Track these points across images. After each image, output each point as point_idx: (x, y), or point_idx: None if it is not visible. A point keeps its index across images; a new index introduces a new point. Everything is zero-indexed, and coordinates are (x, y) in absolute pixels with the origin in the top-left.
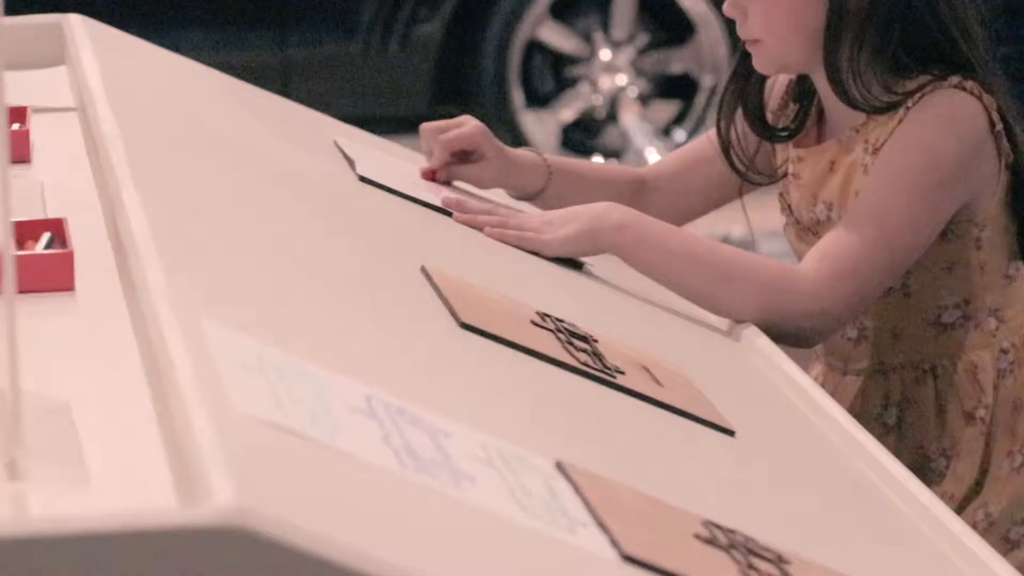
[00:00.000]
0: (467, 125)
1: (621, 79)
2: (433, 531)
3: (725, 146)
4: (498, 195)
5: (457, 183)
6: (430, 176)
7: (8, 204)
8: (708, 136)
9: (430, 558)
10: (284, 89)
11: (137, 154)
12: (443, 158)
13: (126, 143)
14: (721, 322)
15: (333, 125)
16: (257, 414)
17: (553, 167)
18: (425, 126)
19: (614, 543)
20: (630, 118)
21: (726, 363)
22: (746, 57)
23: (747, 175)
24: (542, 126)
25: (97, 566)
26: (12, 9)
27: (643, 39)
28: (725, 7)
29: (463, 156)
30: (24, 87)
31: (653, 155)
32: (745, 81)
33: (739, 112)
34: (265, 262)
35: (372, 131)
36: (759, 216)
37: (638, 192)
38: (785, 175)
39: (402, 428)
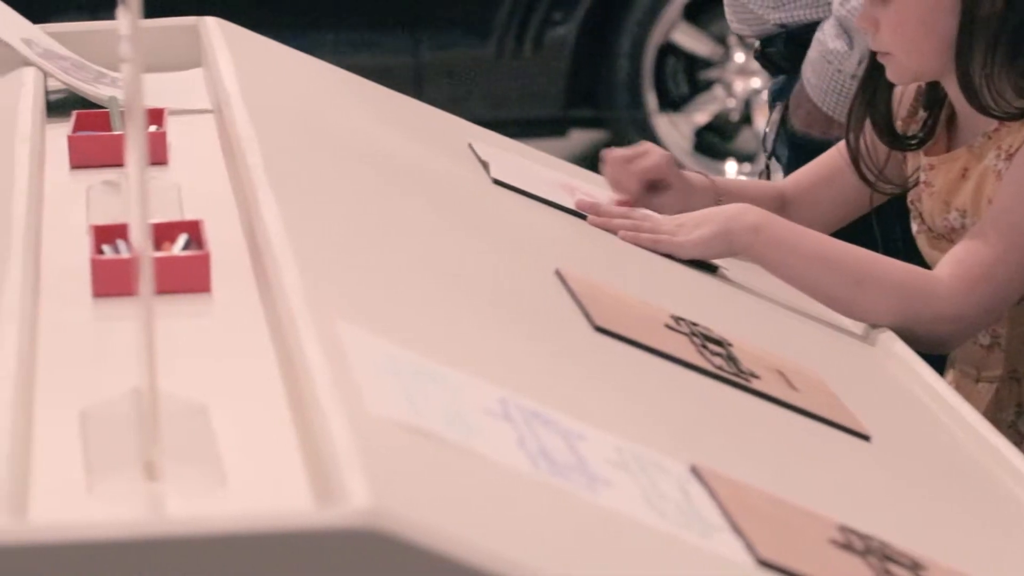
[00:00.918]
0: (654, 154)
1: (755, 82)
2: (567, 534)
3: (855, 157)
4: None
5: (591, 186)
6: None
7: (146, 206)
8: (839, 148)
9: (564, 561)
10: (418, 92)
11: (273, 156)
12: (636, 188)
13: (262, 145)
14: (856, 326)
15: (467, 128)
16: (392, 416)
17: (720, 189)
18: (611, 155)
19: (749, 547)
20: (764, 121)
21: (861, 367)
22: (874, 68)
23: (877, 185)
24: (675, 130)
25: (233, 567)
26: (150, 12)
27: None
28: (857, 19)
29: (650, 185)
30: (161, 89)
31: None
32: (873, 92)
33: (868, 122)
34: (399, 265)
35: (506, 134)
36: None
37: (779, 207)
38: (916, 183)
39: (537, 431)
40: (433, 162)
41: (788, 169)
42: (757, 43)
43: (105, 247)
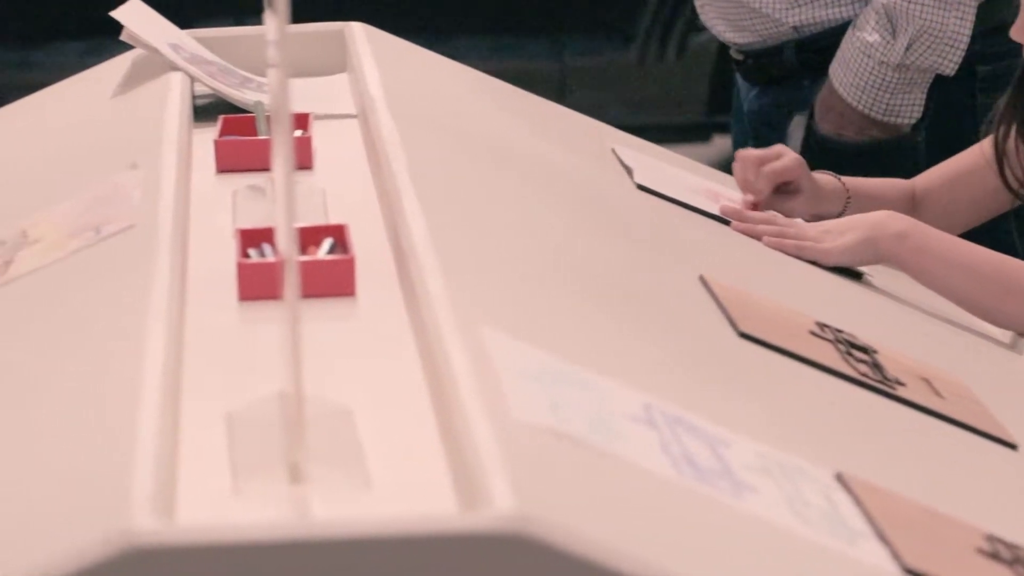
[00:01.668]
0: (787, 156)
1: None
2: (712, 540)
3: (1000, 159)
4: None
5: (734, 192)
6: (752, 209)
7: (292, 210)
8: (980, 148)
9: (709, 568)
10: (561, 97)
11: (417, 161)
12: (767, 190)
13: (406, 150)
14: (1003, 334)
15: (611, 133)
16: (536, 421)
17: (851, 190)
18: (743, 155)
19: (895, 555)
20: None
21: (1008, 375)
22: None
23: (1021, 192)
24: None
25: (377, 570)
26: (295, 17)
27: None
28: (1012, 31)
29: (780, 187)
30: (307, 94)
31: None
32: (1022, 97)
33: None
34: (543, 270)
35: (648, 139)
36: None
37: (911, 207)
38: None
39: (681, 437)
40: (576, 167)
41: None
42: (737, 53)
43: (251, 251)
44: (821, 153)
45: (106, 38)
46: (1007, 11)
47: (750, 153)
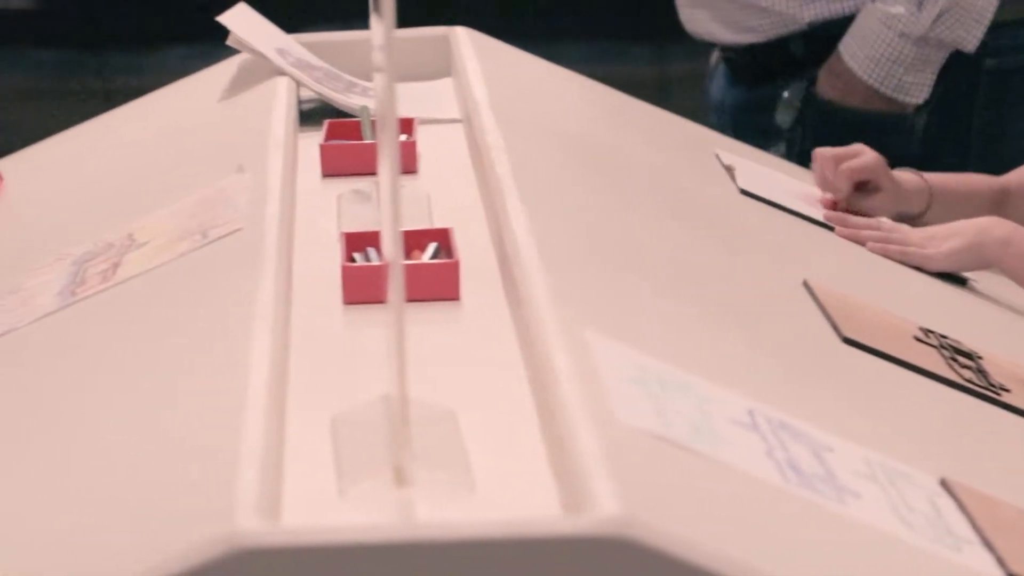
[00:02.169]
0: (867, 155)
1: None
2: (816, 546)
3: None
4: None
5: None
6: (830, 206)
7: (397, 214)
8: None
9: (813, 573)
10: (663, 102)
11: (521, 165)
12: (846, 188)
13: (510, 154)
14: None
15: (713, 138)
16: (640, 425)
17: (934, 188)
18: (822, 152)
19: (1000, 562)
20: None
21: None
22: None
23: None
24: None
25: (481, 572)
26: (400, 21)
27: None
28: None
29: (859, 185)
30: (412, 99)
31: None
32: None
33: None
34: (645, 274)
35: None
36: None
37: (999, 202)
38: None
39: (785, 442)
40: (679, 171)
41: (821, 142)
42: (718, 51)
43: (355, 255)
44: (820, 123)
45: (212, 43)
46: (1018, 6)
47: (828, 151)
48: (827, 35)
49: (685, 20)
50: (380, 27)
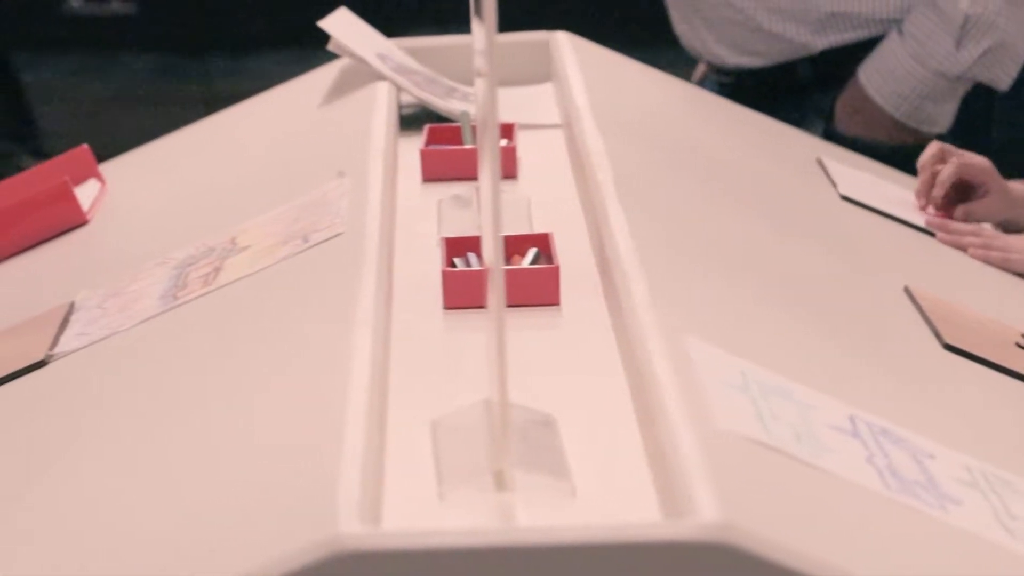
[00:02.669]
0: (968, 159)
1: None
2: (917, 553)
3: None
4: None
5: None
6: (924, 206)
7: (498, 219)
8: None
9: None
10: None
11: (621, 170)
12: (944, 193)
13: (611, 159)
14: None
15: (815, 144)
16: (741, 431)
17: None
18: (925, 157)
19: None
20: None
21: None
22: None
23: None
24: None
25: None
26: (499, 26)
27: None
28: None
29: (964, 190)
30: (512, 103)
31: None
32: None
33: None
34: (746, 280)
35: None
36: None
37: None
38: None
39: (886, 448)
40: (780, 177)
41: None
42: (703, 65)
43: (456, 259)
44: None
45: (313, 47)
46: None
47: (929, 154)
48: (836, 58)
49: (683, 37)
50: (482, 32)
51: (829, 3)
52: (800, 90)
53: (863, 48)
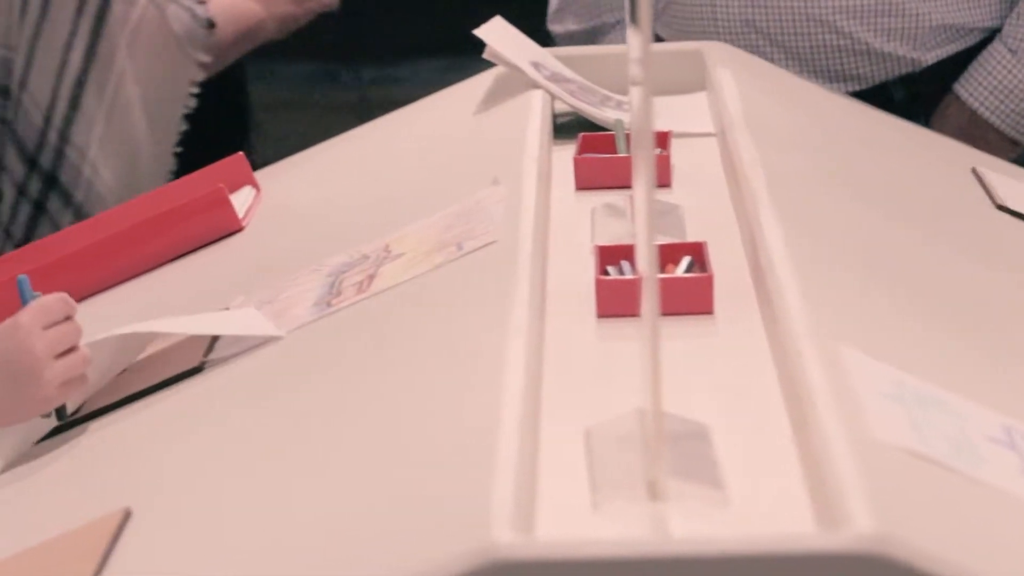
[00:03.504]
0: None
1: None
2: None
3: None
4: None
5: None
6: None
7: (652, 228)
8: None
9: None
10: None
11: (775, 180)
12: None
13: (764, 169)
14: None
15: (971, 154)
16: (896, 442)
17: None
18: None
19: None
20: None
21: None
22: None
23: None
24: None
25: None
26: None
27: None
28: None
29: None
30: (666, 112)
31: None
32: None
33: None
34: (900, 289)
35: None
36: None
37: None
38: None
39: None
40: (934, 187)
41: None
42: None
43: (609, 268)
44: None
45: (467, 55)
46: None
47: None
48: (931, 77)
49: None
50: (637, 40)
51: (935, 16)
52: (893, 111)
53: (954, 64)
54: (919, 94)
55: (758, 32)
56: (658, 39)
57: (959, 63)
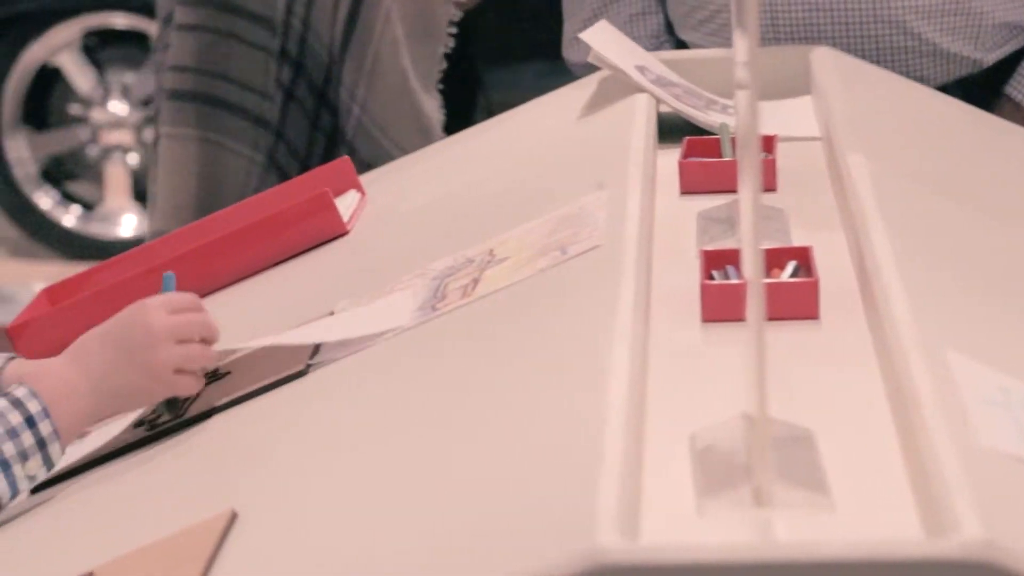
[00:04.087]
0: None
1: None
2: None
3: None
4: None
5: None
6: None
7: (757, 232)
8: None
9: None
10: None
11: (881, 184)
12: None
13: (871, 173)
14: None
15: None
16: (1003, 448)
17: None
18: None
19: None
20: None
21: None
22: None
23: None
24: None
25: None
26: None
27: None
28: None
29: None
30: (771, 116)
31: None
32: None
33: None
34: (1007, 295)
35: None
36: None
37: None
38: None
39: None
40: None
41: None
42: None
43: (714, 272)
44: None
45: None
46: None
47: None
48: (984, 81)
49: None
50: (743, 44)
51: (997, 14)
52: None
53: (1007, 68)
54: (972, 98)
55: (820, 36)
56: (681, 46)
57: (1010, 67)
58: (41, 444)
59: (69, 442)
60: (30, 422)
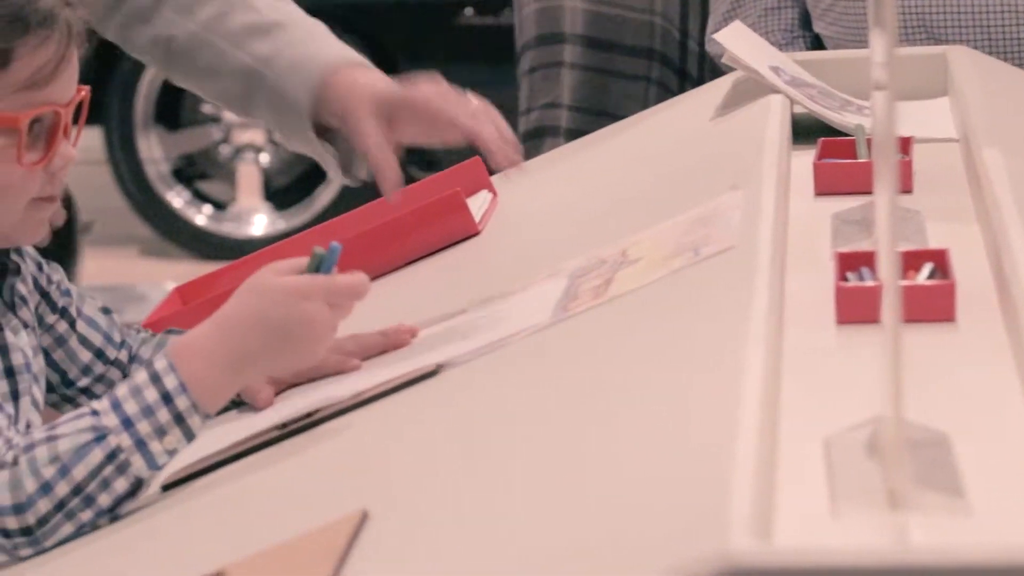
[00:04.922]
0: None
1: None
2: None
3: None
4: None
5: None
6: None
7: (893, 235)
8: None
9: None
10: None
11: (1020, 186)
12: None
13: (1009, 175)
14: None
15: None
16: None
17: None
18: None
19: None
20: None
21: None
22: None
23: None
24: None
25: None
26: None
27: None
28: None
29: None
30: (907, 117)
31: None
32: None
33: None
34: None
35: None
36: None
37: None
38: None
39: None
40: None
41: None
42: None
43: (849, 274)
44: None
45: None
46: None
47: None
48: None
49: None
50: (881, 44)
51: None
52: None
53: None
54: None
55: (928, 34)
56: (817, 41)
57: None
58: (179, 419)
59: (212, 412)
60: (166, 398)
